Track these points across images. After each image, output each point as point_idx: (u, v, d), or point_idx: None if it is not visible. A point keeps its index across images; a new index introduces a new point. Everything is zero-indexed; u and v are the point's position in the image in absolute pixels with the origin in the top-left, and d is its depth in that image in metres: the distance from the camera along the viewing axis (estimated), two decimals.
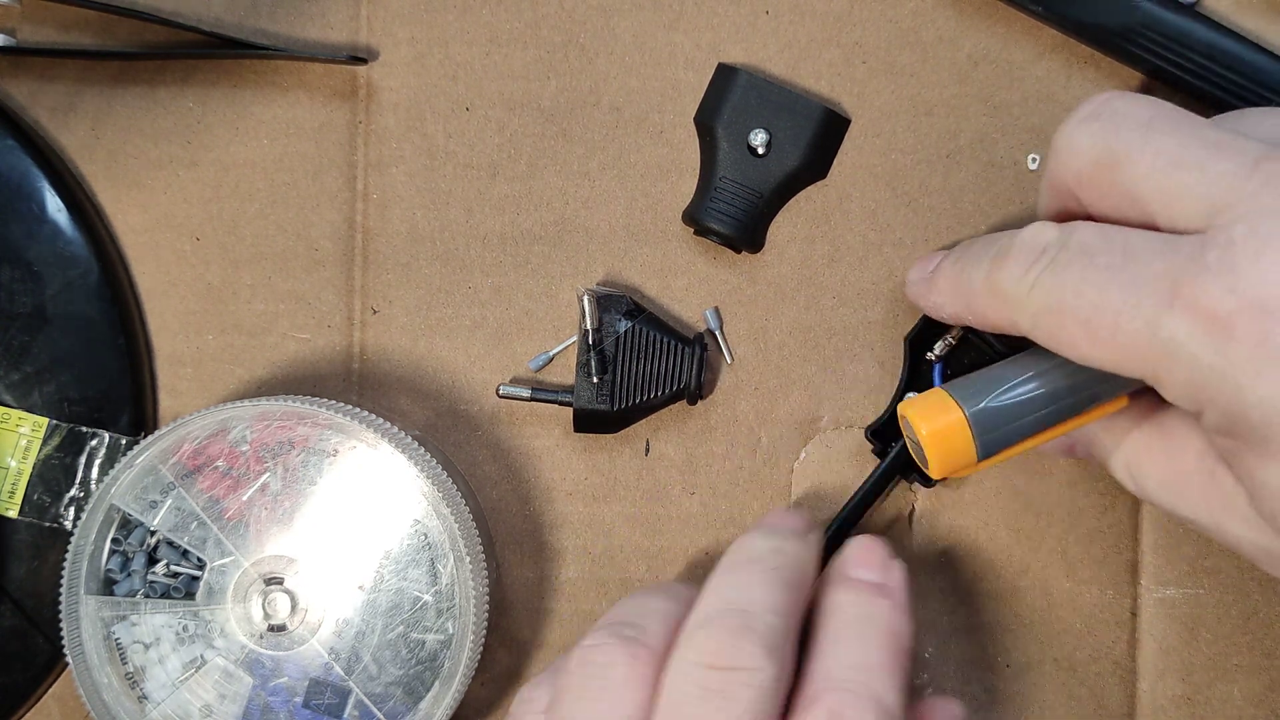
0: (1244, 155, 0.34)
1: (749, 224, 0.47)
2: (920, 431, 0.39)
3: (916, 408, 0.40)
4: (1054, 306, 0.36)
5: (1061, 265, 0.36)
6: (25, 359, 0.48)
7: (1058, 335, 0.36)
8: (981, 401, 0.39)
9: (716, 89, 0.48)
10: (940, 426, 0.39)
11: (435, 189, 0.49)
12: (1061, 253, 0.37)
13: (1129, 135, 0.36)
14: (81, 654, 0.45)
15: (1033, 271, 0.37)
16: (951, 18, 0.48)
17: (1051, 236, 0.37)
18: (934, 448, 0.39)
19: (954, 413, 0.39)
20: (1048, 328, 0.37)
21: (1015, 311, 0.38)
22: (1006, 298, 0.38)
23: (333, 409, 0.44)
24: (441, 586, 0.45)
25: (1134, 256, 0.35)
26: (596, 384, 0.47)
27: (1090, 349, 0.36)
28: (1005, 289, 0.38)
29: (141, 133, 0.49)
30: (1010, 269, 0.38)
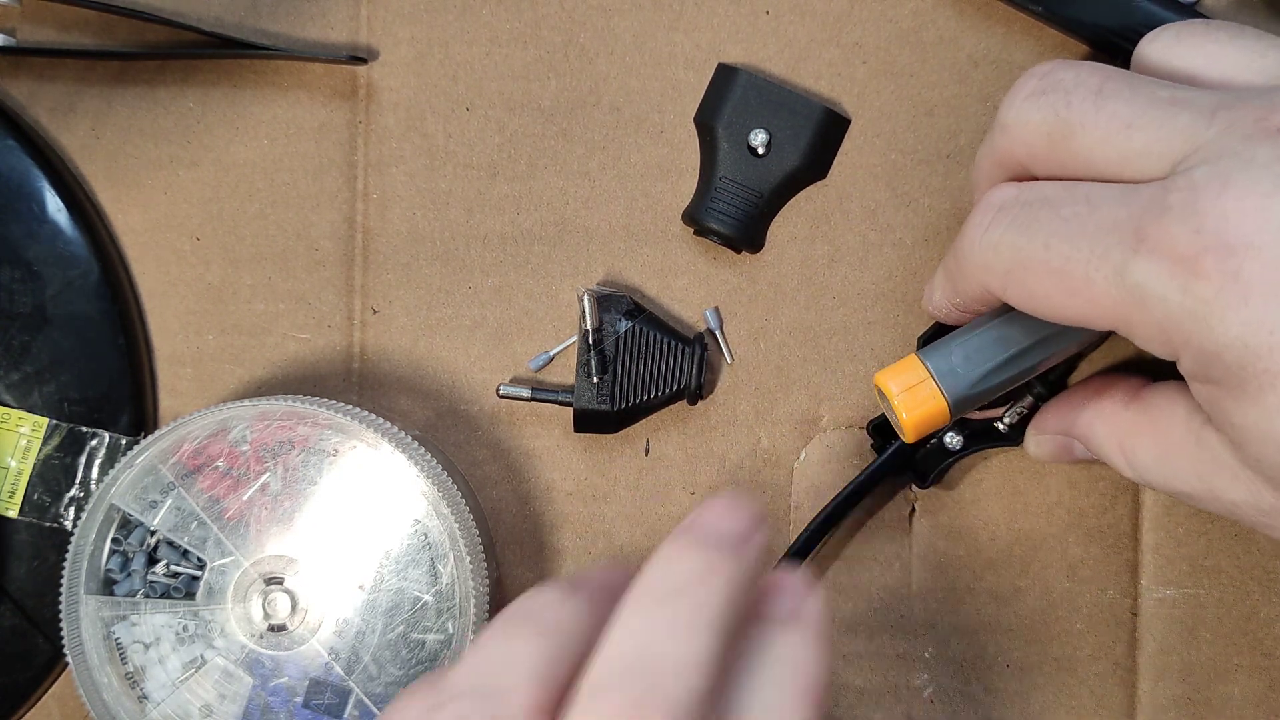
0: (1200, 107, 0.34)
1: (749, 224, 0.47)
2: (889, 389, 0.40)
3: (887, 372, 0.41)
4: (1022, 262, 0.36)
5: (1025, 220, 0.36)
6: (25, 359, 0.48)
7: (1031, 292, 0.36)
8: (944, 355, 0.40)
9: (716, 89, 0.48)
10: (909, 383, 0.40)
11: (435, 189, 0.49)
12: (1023, 209, 0.36)
13: (1081, 105, 0.36)
14: (81, 654, 0.45)
15: (994, 229, 0.37)
16: (951, 18, 0.48)
17: (1010, 194, 0.37)
18: (904, 404, 0.40)
19: (919, 369, 0.40)
20: (1020, 285, 0.36)
21: (986, 275, 0.37)
22: (975, 263, 0.37)
23: (333, 409, 0.45)
24: (441, 586, 0.45)
25: (1097, 205, 0.35)
26: (596, 384, 0.47)
27: (1064, 303, 0.35)
28: (972, 254, 0.37)
29: (141, 133, 0.49)
30: (972, 233, 0.37)
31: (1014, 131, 0.38)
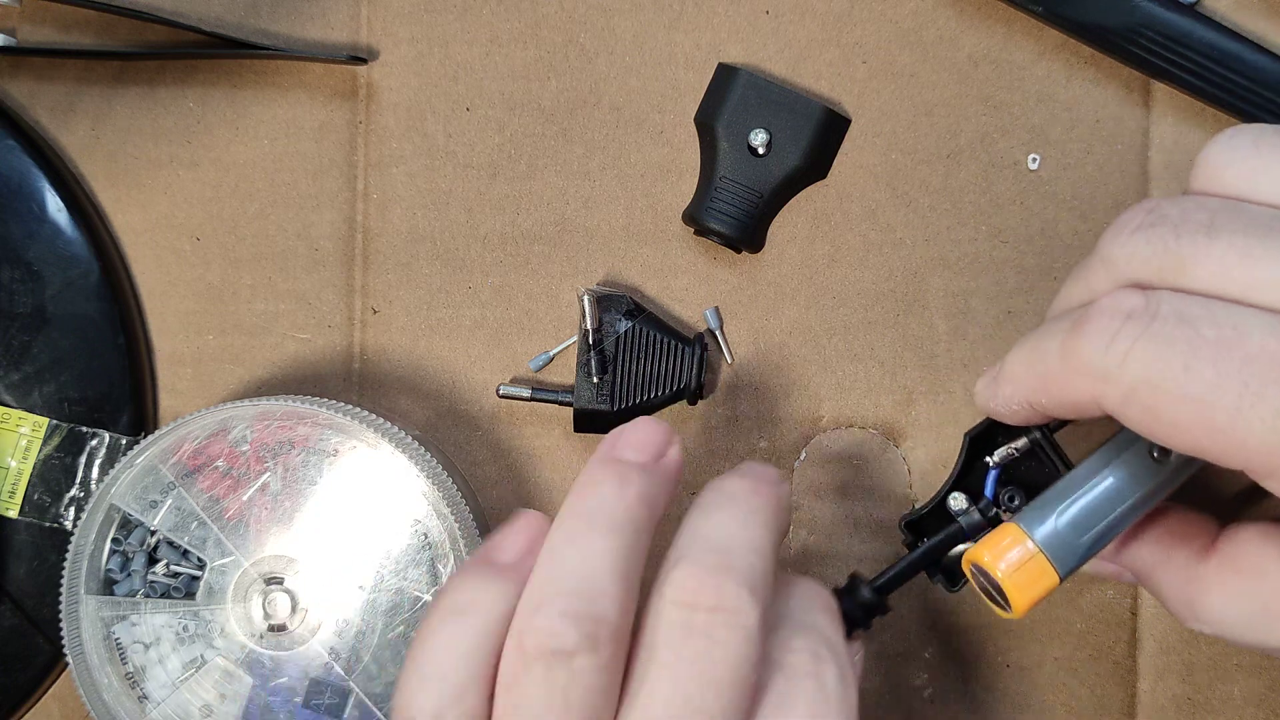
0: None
1: (749, 224, 0.47)
2: (994, 568, 0.36)
3: (984, 546, 0.37)
4: (1155, 382, 0.32)
5: (1160, 334, 0.32)
6: (25, 359, 0.48)
7: (1158, 416, 0.32)
8: (1048, 520, 0.36)
9: (716, 89, 0.48)
10: (1015, 561, 0.36)
11: (435, 189, 0.49)
12: (1158, 322, 0.33)
13: (1192, 237, 0.33)
14: (81, 654, 0.45)
15: (1122, 339, 0.33)
16: (951, 18, 0.48)
17: (1138, 301, 0.33)
18: (1013, 587, 0.36)
19: (1022, 541, 0.36)
20: (1145, 407, 0.32)
21: (1102, 386, 0.33)
22: (1091, 371, 0.33)
23: (333, 409, 0.44)
24: (441, 586, 0.45)
25: (1245, 332, 0.32)
26: (596, 384, 0.47)
27: (1199, 435, 0.32)
28: (1089, 360, 0.33)
29: (141, 133, 0.49)
30: (1094, 337, 0.33)
31: (1119, 266, 0.35)
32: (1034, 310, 0.48)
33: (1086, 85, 0.48)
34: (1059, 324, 0.35)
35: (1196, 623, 0.38)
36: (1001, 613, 0.37)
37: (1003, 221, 0.48)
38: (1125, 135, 0.48)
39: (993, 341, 0.48)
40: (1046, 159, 0.48)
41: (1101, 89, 0.48)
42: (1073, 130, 0.48)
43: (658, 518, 0.35)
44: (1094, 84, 0.48)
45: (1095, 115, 0.48)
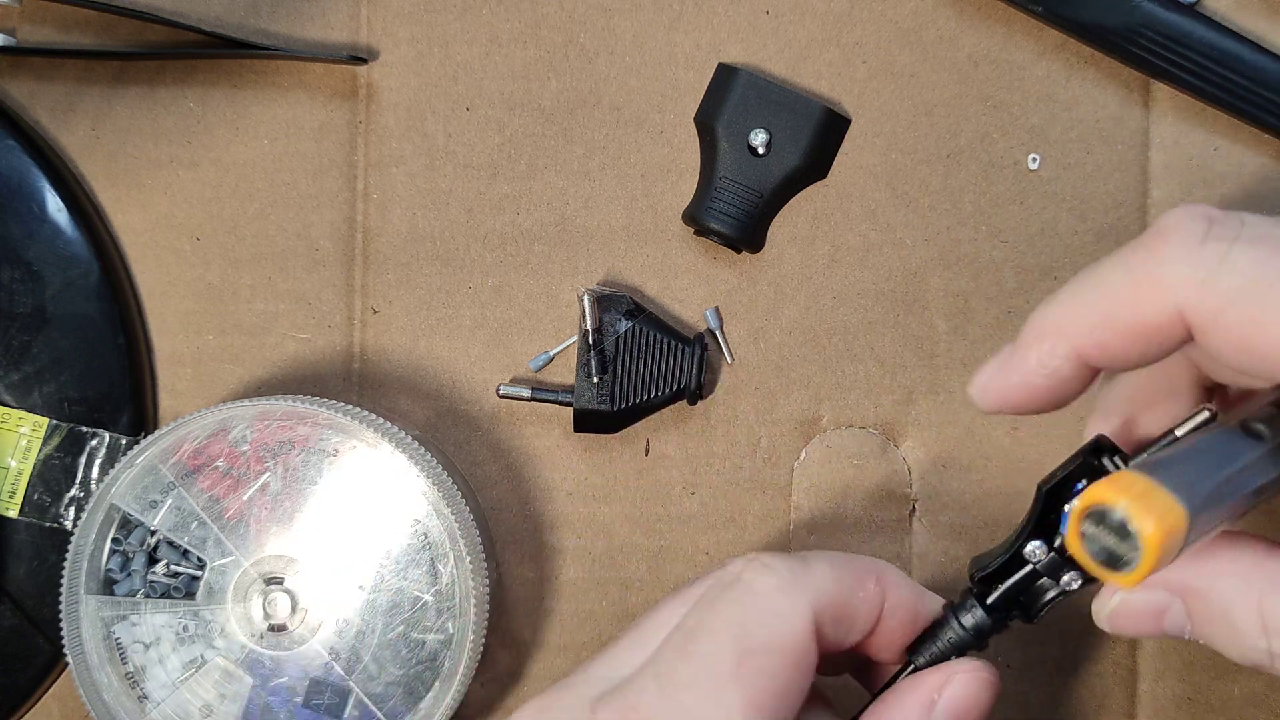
0: None
1: (749, 224, 0.47)
2: (1144, 532, 0.30)
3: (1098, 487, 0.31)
4: (1265, 284, 0.29)
5: (1261, 237, 0.29)
6: (25, 359, 0.48)
7: (1263, 327, 0.29)
8: (1163, 465, 0.32)
9: (716, 89, 0.48)
10: (1170, 527, 0.30)
11: (435, 189, 0.49)
12: (1247, 226, 0.30)
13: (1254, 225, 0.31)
14: (81, 654, 0.45)
15: (1215, 240, 0.29)
16: (951, 18, 0.48)
17: (1215, 211, 0.30)
18: (1155, 553, 0.30)
19: (1138, 479, 0.31)
20: (1247, 315, 0.29)
21: (1196, 293, 0.29)
22: (1180, 278, 0.30)
23: (333, 409, 0.44)
24: (441, 586, 0.45)
25: None
26: (596, 384, 0.47)
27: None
28: (1176, 265, 0.30)
29: (141, 133, 0.49)
30: (1180, 241, 0.30)
31: None
32: (1034, 310, 0.48)
33: (1086, 85, 0.48)
34: (1115, 255, 0.31)
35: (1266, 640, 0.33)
36: (1123, 578, 0.31)
37: (1003, 221, 0.48)
38: (1125, 135, 0.48)
39: (993, 341, 0.48)
40: (1046, 159, 0.48)
41: (1101, 89, 0.48)
42: (1073, 130, 0.48)
43: None
44: (1094, 84, 0.48)
45: (1095, 115, 0.48)
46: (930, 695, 0.36)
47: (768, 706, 0.34)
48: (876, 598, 0.37)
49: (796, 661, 0.35)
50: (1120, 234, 0.48)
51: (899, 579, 0.38)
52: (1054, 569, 0.37)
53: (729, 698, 0.34)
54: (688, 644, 0.35)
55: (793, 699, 0.35)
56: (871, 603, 0.37)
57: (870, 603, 0.37)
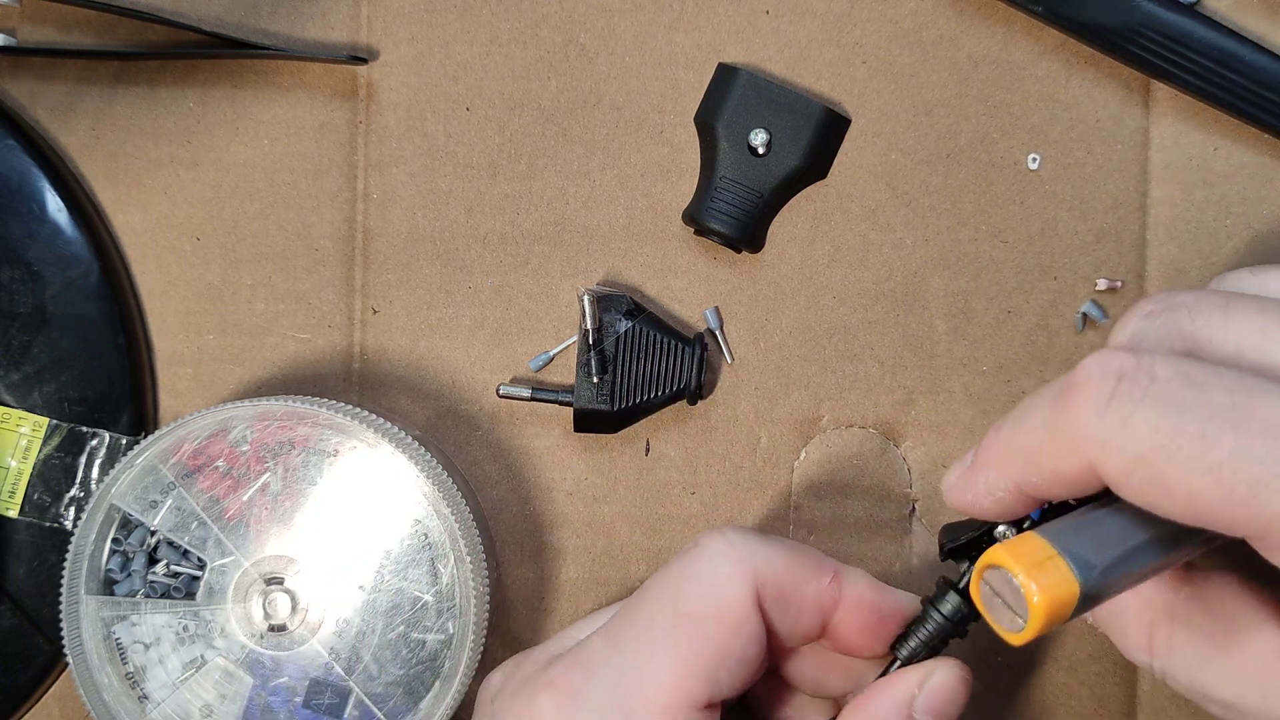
0: None
1: (749, 224, 0.47)
2: (1010, 564, 0.33)
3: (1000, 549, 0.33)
4: (1166, 449, 0.30)
5: (1167, 397, 0.30)
6: (25, 359, 0.48)
7: (1169, 487, 0.30)
8: (1068, 533, 0.33)
9: (716, 89, 0.48)
10: (1033, 559, 0.32)
11: (435, 189, 0.49)
12: (1157, 383, 0.31)
13: (1209, 317, 0.33)
14: (81, 654, 0.45)
15: (1121, 402, 0.30)
16: (951, 18, 0.48)
17: (1127, 360, 0.31)
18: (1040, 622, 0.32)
19: (1040, 545, 0.33)
20: (1153, 477, 0.30)
21: (1102, 454, 0.31)
22: (1088, 438, 0.31)
23: (333, 409, 0.44)
24: (441, 586, 0.45)
25: (1258, 397, 0.30)
26: (596, 384, 0.47)
27: (1217, 506, 0.30)
28: (1084, 426, 0.31)
29: (141, 133, 0.49)
30: (1086, 401, 0.31)
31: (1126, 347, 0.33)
32: (1034, 310, 0.48)
33: (1086, 85, 0.48)
34: (1040, 395, 0.33)
35: (1149, 658, 0.36)
36: (1010, 635, 0.33)
37: (1003, 221, 0.48)
38: (1125, 135, 0.48)
39: (992, 341, 0.48)
40: (1046, 159, 0.48)
41: (1101, 89, 0.48)
42: (1073, 130, 0.48)
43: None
44: (1094, 84, 0.48)
45: (1095, 115, 0.48)
46: (910, 691, 0.37)
47: (701, 669, 0.37)
48: (829, 592, 0.39)
49: (735, 629, 0.37)
50: (1120, 234, 0.48)
51: (861, 579, 0.40)
52: None
53: (663, 657, 0.37)
54: (635, 606, 0.38)
55: (731, 666, 0.37)
56: (823, 596, 0.39)
57: (821, 595, 0.39)
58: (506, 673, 0.41)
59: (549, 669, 0.38)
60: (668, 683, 0.36)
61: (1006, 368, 0.48)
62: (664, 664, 0.37)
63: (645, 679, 0.36)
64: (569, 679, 0.37)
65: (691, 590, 0.38)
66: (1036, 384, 0.48)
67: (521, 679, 0.39)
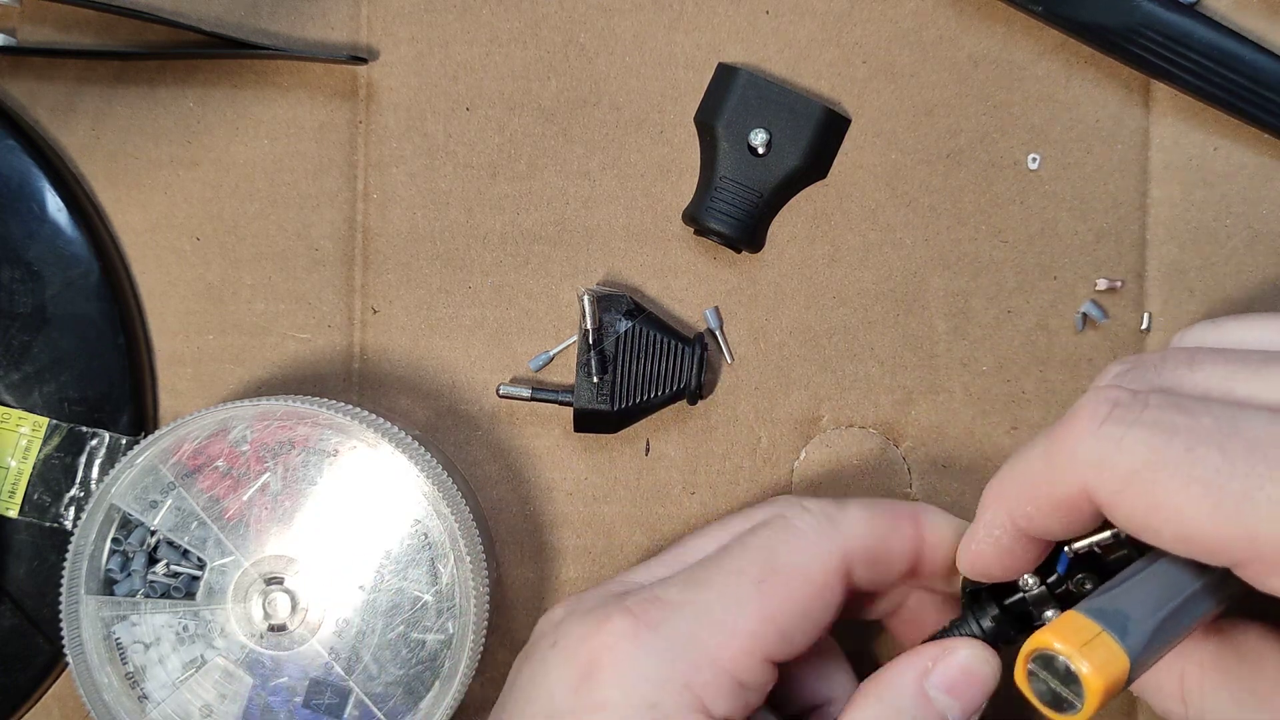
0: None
1: (749, 224, 0.47)
2: (1089, 682, 0.33)
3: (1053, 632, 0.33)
4: (1157, 464, 0.31)
5: (1156, 420, 0.31)
6: (25, 359, 0.48)
7: (1159, 503, 0.31)
8: (1107, 606, 0.34)
9: (716, 89, 0.48)
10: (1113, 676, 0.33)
11: (435, 189, 0.49)
12: (1149, 409, 0.32)
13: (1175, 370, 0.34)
14: (81, 654, 0.45)
15: (1115, 424, 0.32)
16: (951, 18, 0.48)
17: (1122, 393, 0.33)
18: (1098, 700, 0.33)
19: (1084, 623, 0.33)
20: (1145, 494, 0.31)
21: (1096, 475, 0.32)
22: (1085, 459, 0.32)
23: (333, 409, 0.44)
24: (441, 586, 0.45)
25: (1246, 420, 0.31)
26: (596, 384, 0.47)
27: (1204, 522, 0.30)
28: (1079, 449, 0.32)
29: (141, 133, 0.49)
30: (1083, 425, 0.32)
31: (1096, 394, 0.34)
32: (1034, 310, 0.48)
33: (1086, 85, 0.48)
34: (1037, 436, 0.34)
35: (1184, 709, 0.37)
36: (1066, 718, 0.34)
37: (1003, 221, 0.48)
38: (1125, 135, 0.48)
39: (992, 341, 0.48)
40: (1046, 159, 0.48)
41: (1101, 89, 0.48)
42: (1073, 130, 0.48)
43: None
44: (1094, 84, 0.48)
45: (1095, 115, 0.48)
46: (925, 663, 0.38)
47: (781, 623, 0.38)
48: (911, 541, 0.40)
49: (819, 594, 0.38)
50: (1120, 234, 0.48)
51: (938, 519, 0.41)
52: (1040, 603, 0.38)
53: (747, 603, 0.37)
54: (719, 561, 0.39)
55: (806, 628, 0.38)
56: (906, 545, 0.40)
57: (905, 545, 0.40)
58: (570, 605, 0.41)
59: (624, 599, 0.39)
60: (747, 630, 0.37)
61: (1006, 368, 0.48)
62: (749, 612, 0.37)
63: (726, 623, 0.37)
64: (646, 610, 0.38)
65: (785, 553, 0.39)
66: (1037, 384, 0.48)
67: (595, 601, 0.40)
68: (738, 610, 0.38)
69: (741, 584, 0.38)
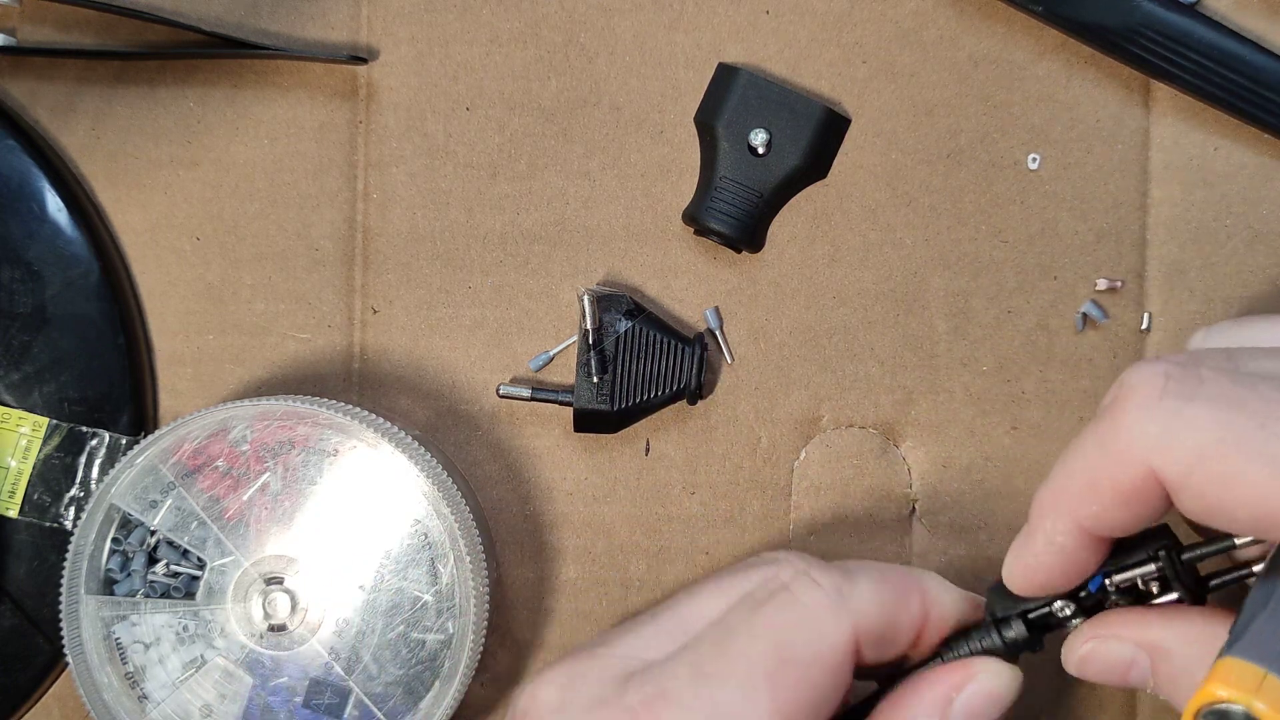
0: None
1: (749, 224, 0.47)
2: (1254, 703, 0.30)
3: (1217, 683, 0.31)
4: (1227, 442, 0.29)
5: (1218, 392, 0.29)
6: (25, 359, 0.48)
7: (1230, 484, 0.29)
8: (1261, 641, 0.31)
9: (716, 89, 0.48)
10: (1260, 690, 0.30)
11: (435, 189, 0.49)
12: (1205, 382, 0.29)
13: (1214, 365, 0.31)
14: (81, 654, 0.45)
15: (1172, 399, 0.29)
16: (951, 18, 0.48)
17: (1170, 365, 0.30)
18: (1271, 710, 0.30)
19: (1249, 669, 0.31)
20: (1215, 473, 0.29)
21: (1161, 456, 0.29)
22: (1144, 440, 0.30)
23: (333, 409, 0.44)
24: (441, 586, 0.45)
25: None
26: (596, 384, 0.47)
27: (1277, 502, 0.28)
28: (1139, 429, 0.30)
29: (141, 133, 0.49)
30: (1137, 404, 0.30)
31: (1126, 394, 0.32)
32: (1034, 310, 0.48)
33: (1086, 85, 0.48)
34: (1085, 429, 0.32)
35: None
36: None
37: (1003, 221, 0.48)
38: (1125, 135, 0.48)
39: (992, 341, 0.48)
40: (1046, 159, 0.48)
41: (1101, 89, 0.48)
42: (1073, 130, 0.48)
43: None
44: (1094, 84, 0.48)
45: (1095, 115, 0.48)
46: (948, 692, 0.37)
47: (800, 713, 0.35)
48: (919, 616, 0.38)
49: (832, 677, 0.36)
50: (1120, 234, 0.48)
51: (942, 592, 0.39)
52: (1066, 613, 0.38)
53: (761, 700, 0.35)
54: (727, 640, 0.36)
55: (822, 713, 0.36)
56: (914, 621, 0.38)
57: (912, 621, 0.38)
58: (562, 687, 0.37)
59: (625, 694, 0.36)
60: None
61: (1006, 368, 0.48)
62: (766, 706, 0.35)
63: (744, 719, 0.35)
64: (654, 711, 0.35)
65: (796, 639, 0.36)
66: (1037, 384, 0.48)
67: (591, 701, 0.36)
68: (755, 705, 0.35)
69: (753, 677, 0.35)
